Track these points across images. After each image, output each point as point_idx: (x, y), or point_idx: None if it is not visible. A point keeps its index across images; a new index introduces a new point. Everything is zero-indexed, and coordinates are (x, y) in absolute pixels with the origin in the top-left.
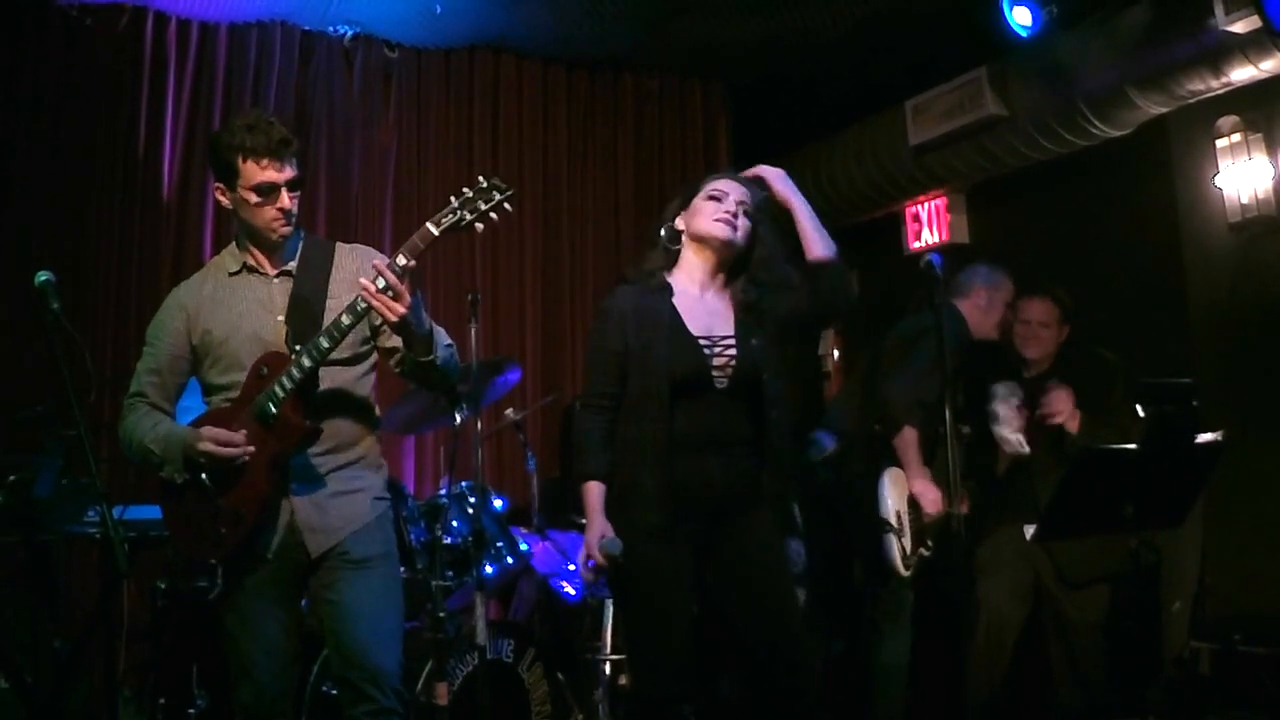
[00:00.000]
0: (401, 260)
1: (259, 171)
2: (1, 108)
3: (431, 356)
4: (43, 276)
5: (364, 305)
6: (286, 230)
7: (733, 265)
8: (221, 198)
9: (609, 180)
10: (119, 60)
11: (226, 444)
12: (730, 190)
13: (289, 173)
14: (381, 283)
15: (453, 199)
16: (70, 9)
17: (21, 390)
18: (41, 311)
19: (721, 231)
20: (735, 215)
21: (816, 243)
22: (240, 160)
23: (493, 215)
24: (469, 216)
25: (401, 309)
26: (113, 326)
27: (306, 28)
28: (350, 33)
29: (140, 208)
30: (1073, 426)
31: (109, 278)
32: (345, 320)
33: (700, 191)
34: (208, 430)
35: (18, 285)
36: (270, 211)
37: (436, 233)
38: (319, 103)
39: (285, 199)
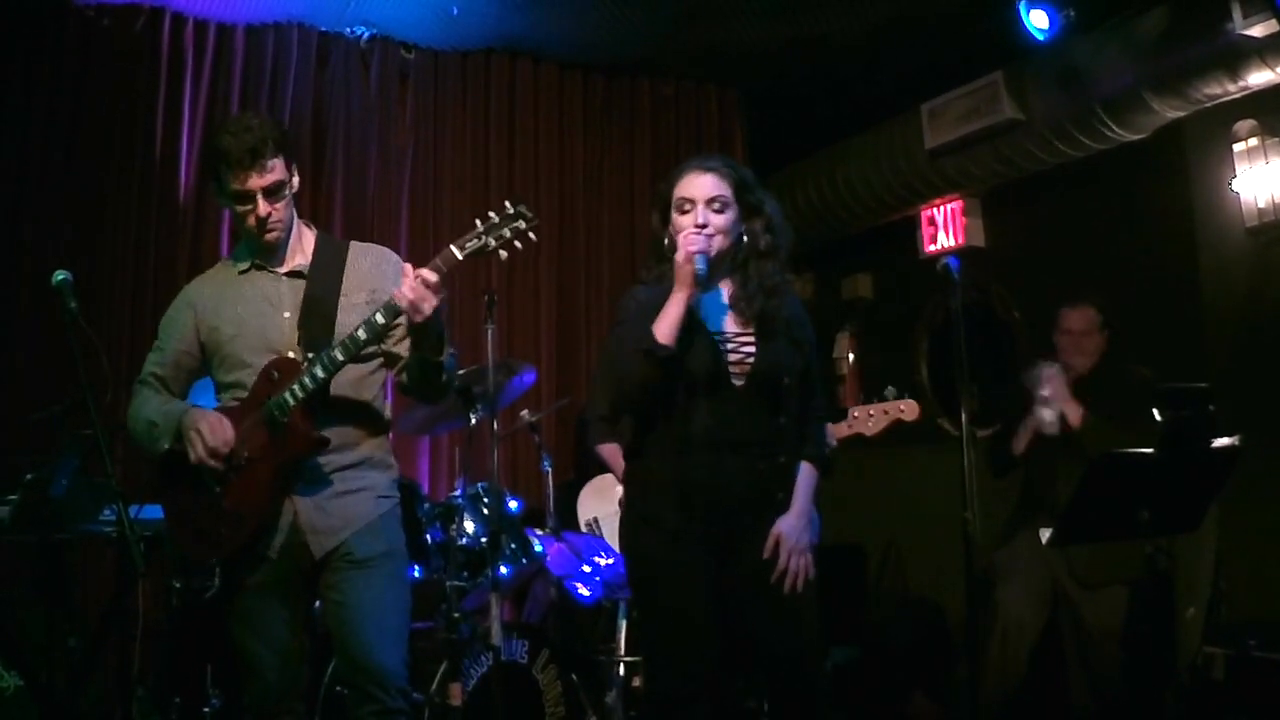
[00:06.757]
0: (433, 277)
1: (234, 180)
2: (19, 108)
3: (442, 357)
4: (60, 276)
5: (382, 321)
6: (272, 236)
7: (732, 258)
8: (220, 199)
9: (624, 184)
10: (136, 61)
11: (217, 435)
12: (697, 194)
13: (265, 179)
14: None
15: (478, 223)
16: (87, 9)
17: (38, 389)
18: (59, 311)
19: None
20: (705, 226)
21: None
22: (221, 167)
23: (516, 244)
24: (493, 243)
25: (427, 312)
26: (129, 326)
27: (323, 29)
28: (367, 34)
29: (157, 208)
30: (1074, 419)
31: (126, 277)
32: (361, 335)
33: (673, 194)
34: (214, 416)
35: (35, 284)
36: (250, 219)
37: (460, 257)
38: (335, 104)
39: (261, 206)
